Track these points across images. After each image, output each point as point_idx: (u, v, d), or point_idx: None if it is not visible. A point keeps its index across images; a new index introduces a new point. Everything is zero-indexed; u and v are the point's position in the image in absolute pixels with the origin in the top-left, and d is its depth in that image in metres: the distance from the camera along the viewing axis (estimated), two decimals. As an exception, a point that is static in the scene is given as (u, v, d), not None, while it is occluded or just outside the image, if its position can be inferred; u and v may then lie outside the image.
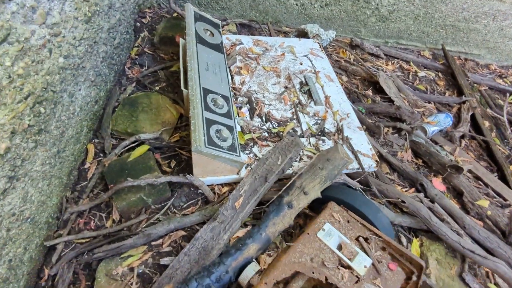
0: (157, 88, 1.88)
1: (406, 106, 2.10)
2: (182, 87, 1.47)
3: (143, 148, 1.51)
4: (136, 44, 2.13)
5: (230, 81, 1.69)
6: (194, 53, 1.62)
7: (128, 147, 1.59)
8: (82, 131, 1.50)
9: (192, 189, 1.48)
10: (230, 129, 1.45)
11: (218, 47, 1.79)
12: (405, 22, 2.59)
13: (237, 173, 1.45)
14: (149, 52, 2.09)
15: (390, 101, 2.16)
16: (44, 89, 1.15)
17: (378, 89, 2.22)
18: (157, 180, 1.30)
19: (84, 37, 1.42)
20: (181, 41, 1.69)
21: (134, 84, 1.89)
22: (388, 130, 1.98)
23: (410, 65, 2.58)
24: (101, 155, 1.58)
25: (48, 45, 1.15)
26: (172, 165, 1.58)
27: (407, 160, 1.89)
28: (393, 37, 2.71)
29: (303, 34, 2.37)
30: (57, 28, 1.19)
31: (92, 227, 1.33)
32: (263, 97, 1.79)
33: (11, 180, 1.02)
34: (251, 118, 1.67)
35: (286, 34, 2.52)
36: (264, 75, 1.91)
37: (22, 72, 1.02)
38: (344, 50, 2.51)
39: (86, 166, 1.51)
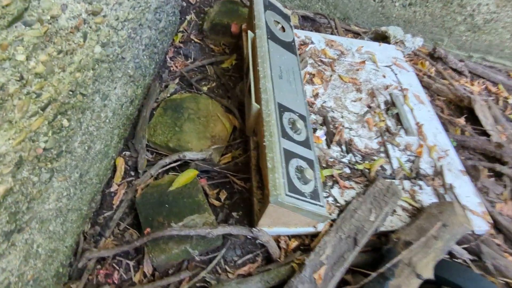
0: (205, 88, 1.49)
1: (506, 144, 1.68)
2: (252, 101, 1.08)
3: (191, 174, 1.14)
4: (181, 29, 1.73)
5: (305, 93, 1.29)
6: (266, 53, 1.22)
7: (167, 167, 1.22)
8: (111, 142, 1.13)
9: (249, 237, 1.11)
10: (311, 164, 1.06)
11: (290, 47, 1.39)
12: (500, 36, 2.13)
13: (314, 226, 1.07)
14: (196, 40, 1.70)
15: (484, 133, 1.74)
16: (71, 93, 0.77)
17: (468, 116, 1.80)
18: (212, 232, 0.93)
19: (129, 18, 1.03)
20: (249, 34, 1.29)
21: (177, 80, 1.50)
22: (484, 173, 1.57)
23: (498, 88, 2.13)
24: (132, 173, 1.21)
25: (83, 27, 0.77)
26: (222, 197, 1.21)
27: (507, 215, 1.49)
28: (480, 52, 2.25)
29: (381, 38, 1.94)
30: (97, 3, 0.81)
31: (115, 281, 0.97)
32: (342, 117, 1.39)
33: (9, 236, 0.65)
34: (328, 145, 1.28)
35: (355, 35, 2.10)
36: (341, 87, 1.51)
37: (43, 70, 0.64)
38: (423, 62, 2.08)
39: (112, 189, 1.15)
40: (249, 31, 1.30)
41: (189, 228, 0.94)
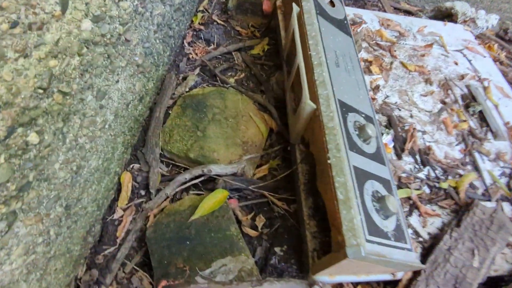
0: (232, 80, 1.19)
1: None
2: (306, 99, 0.77)
3: (220, 197, 0.85)
4: (201, 8, 1.42)
5: (367, 86, 0.97)
6: (318, 33, 0.90)
7: (188, 184, 0.93)
8: (114, 154, 0.85)
9: (299, 284, 0.81)
10: (388, 186, 0.75)
11: (343, 26, 1.06)
12: None
13: (393, 274, 0.77)
14: (219, 22, 1.39)
15: None
16: (40, 92, 0.48)
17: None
18: (255, 290, 0.64)
19: (134, -18, 0.73)
20: (294, 8, 0.97)
21: (197, 71, 1.20)
22: None
23: None
24: (142, 193, 0.93)
25: (56, -15, 0.48)
26: (259, 224, 0.92)
27: None
28: (559, 33, 1.85)
29: (444, 16, 1.58)
30: None
31: None
32: (411, 116, 1.07)
33: None
34: (399, 156, 0.96)
35: (407, 14, 1.74)
36: (406, 77, 1.18)
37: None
38: (491, 45, 1.70)
39: (116, 216, 0.87)
40: (294, 5, 0.98)
41: (222, 286, 0.65)
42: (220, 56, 1.28)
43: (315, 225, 0.81)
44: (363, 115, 0.84)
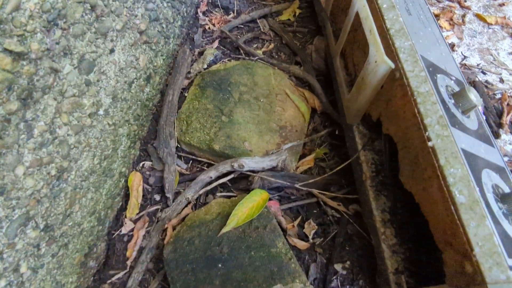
0: (259, 52, 0.96)
1: None
2: (381, 57, 0.53)
3: (258, 200, 0.63)
4: (215, -28, 1.19)
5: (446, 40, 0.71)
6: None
7: (214, 184, 0.72)
8: (116, 150, 0.64)
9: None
10: (505, 177, 0.51)
11: (403, -34, 0.80)
12: None
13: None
14: (238, -15, 1.15)
15: None
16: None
17: None
18: None
19: None
20: None
21: (216, 44, 0.98)
22: None
23: None
24: (157, 198, 0.73)
25: None
26: (309, 232, 0.69)
27: None
28: None
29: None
30: None
31: None
32: (501, 80, 0.81)
33: None
34: (496, 133, 0.71)
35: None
36: (485, 32, 0.91)
37: None
38: None
39: (124, 230, 0.67)
40: None
41: None
42: (243, 26, 1.05)
43: (394, 234, 0.58)
44: (453, 78, 0.60)
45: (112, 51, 0.57)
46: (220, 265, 0.56)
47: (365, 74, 0.58)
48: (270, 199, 0.73)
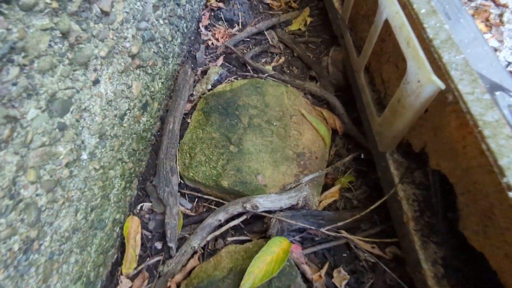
0: (269, 68, 0.86)
1: None
2: (428, 76, 0.41)
3: (278, 252, 0.52)
4: (217, -18, 1.10)
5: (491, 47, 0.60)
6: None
7: (223, 229, 0.62)
8: (108, 194, 0.55)
9: None
10: None
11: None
12: None
13: None
14: (242, -5, 1.06)
15: None
16: None
17: None
18: None
19: None
20: None
21: (220, 61, 0.88)
22: None
23: None
24: (158, 246, 0.62)
25: None
26: (340, 282, 0.58)
27: None
28: None
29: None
30: None
31: None
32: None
33: None
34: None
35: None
36: (528, 33, 0.78)
37: None
38: None
39: (121, 289, 0.57)
40: None
41: None
42: (249, 39, 0.96)
43: (451, 294, 0.46)
44: (510, 94, 0.48)
45: (96, 82, 0.48)
46: None
47: (402, 95, 0.47)
48: (290, 242, 0.62)
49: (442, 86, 0.41)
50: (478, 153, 0.36)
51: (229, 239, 0.63)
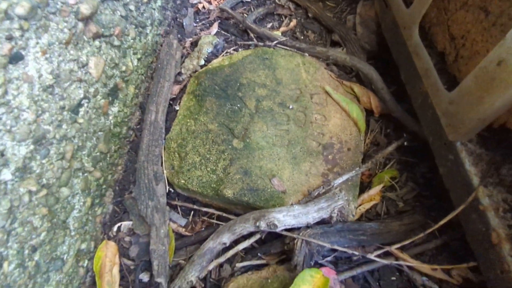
0: (277, 33, 0.67)
1: None
2: None
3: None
4: None
5: None
6: None
7: (231, 253, 0.45)
8: (65, 220, 0.38)
9: None
10: None
11: None
12: None
13: None
14: None
15: None
16: None
17: None
18: None
19: None
20: None
21: (215, 28, 0.69)
22: None
23: None
24: (143, 280, 0.46)
25: None
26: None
27: None
28: None
29: None
30: None
31: None
32: None
33: None
34: None
35: None
36: None
37: None
38: None
39: None
40: None
41: None
42: (250, 0, 0.76)
43: None
44: None
45: (15, 58, 0.30)
46: None
47: (500, 57, 0.29)
48: (320, 265, 0.46)
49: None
50: None
51: (238, 265, 0.47)
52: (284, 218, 0.43)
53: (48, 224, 0.36)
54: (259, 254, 0.48)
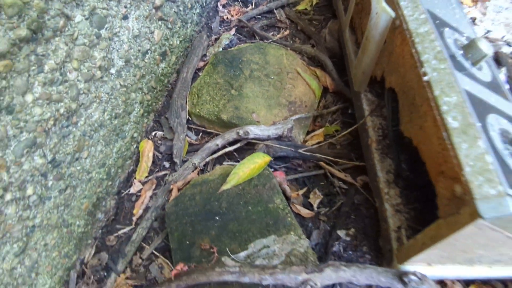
0: (275, 38, 0.98)
1: None
2: (379, 5, 0.52)
3: (259, 162, 0.64)
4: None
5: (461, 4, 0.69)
6: None
7: (220, 153, 0.74)
8: (129, 113, 0.68)
9: None
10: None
11: None
12: None
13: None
14: (258, -19, 1.20)
15: None
16: None
17: None
18: (314, 281, 0.40)
19: None
20: None
21: (233, 32, 1.02)
22: None
23: None
24: (166, 165, 0.75)
25: None
26: (315, 201, 0.68)
27: None
28: None
29: None
30: None
31: None
32: (527, 53, 0.75)
33: None
34: (519, 100, 0.65)
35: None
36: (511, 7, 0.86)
37: None
38: None
39: (133, 190, 0.70)
40: None
41: (264, 272, 0.42)
42: (260, 16, 1.09)
43: (398, 194, 0.55)
44: (464, 35, 0.57)
45: (125, 17, 0.62)
46: (217, 218, 0.56)
47: (369, 32, 0.58)
48: (275, 170, 0.73)
49: (392, 14, 0.52)
50: (410, 57, 0.46)
51: (225, 163, 0.75)
52: (254, 130, 0.71)
53: (124, 107, 0.67)
54: (238, 159, 0.76)
